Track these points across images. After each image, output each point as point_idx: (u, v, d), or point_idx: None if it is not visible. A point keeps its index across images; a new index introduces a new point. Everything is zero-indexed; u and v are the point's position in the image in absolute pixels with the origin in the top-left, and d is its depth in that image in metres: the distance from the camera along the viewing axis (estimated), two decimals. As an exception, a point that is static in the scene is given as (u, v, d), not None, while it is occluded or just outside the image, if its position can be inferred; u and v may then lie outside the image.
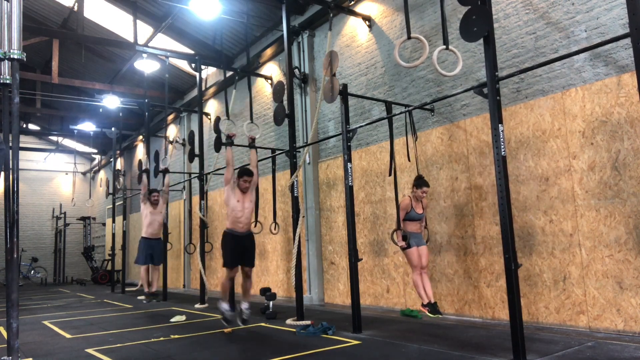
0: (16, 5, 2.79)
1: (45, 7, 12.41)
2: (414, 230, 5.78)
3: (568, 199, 5.10)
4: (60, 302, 11.05)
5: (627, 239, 4.63)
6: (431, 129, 6.65)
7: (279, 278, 9.52)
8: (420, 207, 5.83)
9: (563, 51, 5.11)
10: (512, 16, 5.76)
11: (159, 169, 9.81)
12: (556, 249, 5.17)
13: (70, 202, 18.55)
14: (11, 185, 2.72)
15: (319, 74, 8.73)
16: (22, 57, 2.78)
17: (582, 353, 4.05)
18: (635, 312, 4.53)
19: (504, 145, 4.17)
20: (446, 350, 4.36)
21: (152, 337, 5.66)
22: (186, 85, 13.72)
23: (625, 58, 4.72)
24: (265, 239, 9.81)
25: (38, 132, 19.95)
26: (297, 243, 6.58)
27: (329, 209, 8.41)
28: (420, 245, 5.74)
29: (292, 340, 5.29)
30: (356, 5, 8.07)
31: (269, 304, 7.21)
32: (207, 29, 10.88)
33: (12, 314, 2.68)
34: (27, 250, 19.67)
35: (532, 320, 5.31)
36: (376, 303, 7.37)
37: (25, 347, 5.31)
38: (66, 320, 7.62)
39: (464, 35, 4.40)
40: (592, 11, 5.01)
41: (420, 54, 6.60)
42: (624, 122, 4.69)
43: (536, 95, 5.46)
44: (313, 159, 8.73)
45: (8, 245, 2.72)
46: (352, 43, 8.24)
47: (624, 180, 4.68)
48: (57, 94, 14.64)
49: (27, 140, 19.56)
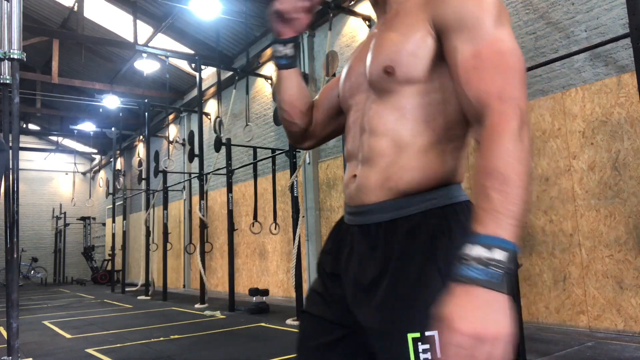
0: (16, 5, 2.78)
1: (45, 7, 12.41)
2: None
3: (568, 199, 5.10)
4: (60, 302, 11.05)
5: (627, 239, 4.63)
6: (431, 129, 6.65)
7: (279, 278, 9.53)
8: None
9: (563, 51, 5.11)
10: (512, 16, 5.76)
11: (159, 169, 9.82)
12: (556, 249, 5.18)
13: (70, 202, 18.55)
14: (11, 185, 2.72)
15: (319, 74, 8.72)
16: (22, 57, 2.77)
17: (582, 353, 4.05)
18: (635, 312, 4.53)
19: (504, 145, 4.17)
20: (446, 350, 4.35)
21: (152, 337, 5.66)
22: (186, 85, 13.72)
23: (625, 58, 4.72)
24: (265, 239, 9.82)
25: (38, 132, 19.95)
26: (297, 243, 6.58)
27: (329, 209, 8.40)
28: None
29: (292, 340, 5.28)
30: (356, 5, 8.07)
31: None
32: (207, 29, 10.88)
33: (12, 314, 2.67)
34: (27, 250, 19.66)
35: (532, 320, 5.31)
36: (376, 303, 7.37)
37: (25, 347, 5.31)
38: (66, 320, 7.62)
39: (464, 35, 4.40)
40: (592, 11, 5.01)
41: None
42: (624, 122, 4.70)
43: (536, 95, 5.46)
44: (313, 159, 8.72)
45: (8, 246, 2.72)
46: (352, 43, 8.24)
47: (624, 180, 4.68)
48: (57, 94, 14.64)
49: (27, 140, 19.55)
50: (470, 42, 0.89)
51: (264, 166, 9.66)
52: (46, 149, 20.76)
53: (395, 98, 0.99)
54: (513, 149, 0.78)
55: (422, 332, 0.86)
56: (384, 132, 0.99)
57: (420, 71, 0.96)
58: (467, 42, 0.89)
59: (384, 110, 1.00)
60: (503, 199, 0.76)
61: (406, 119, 0.97)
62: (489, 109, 0.83)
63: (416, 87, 0.97)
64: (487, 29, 0.88)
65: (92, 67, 14.62)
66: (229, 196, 8.35)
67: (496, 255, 0.73)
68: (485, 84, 0.85)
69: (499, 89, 0.83)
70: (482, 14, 0.89)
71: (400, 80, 0.97)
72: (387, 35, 1.02)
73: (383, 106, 1.00)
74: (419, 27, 0.97)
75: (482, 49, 0.87)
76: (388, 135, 0.98)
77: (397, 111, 0.98)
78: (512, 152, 0.78)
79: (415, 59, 0.96)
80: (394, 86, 0.98)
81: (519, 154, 0.78)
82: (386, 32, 1.03)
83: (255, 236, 9.85)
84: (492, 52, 0.87)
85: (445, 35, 0.93)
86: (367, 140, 1.02)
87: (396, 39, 0.99)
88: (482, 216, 0.77)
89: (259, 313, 7.25)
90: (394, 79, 0.98)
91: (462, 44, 0.89)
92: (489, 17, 0.89)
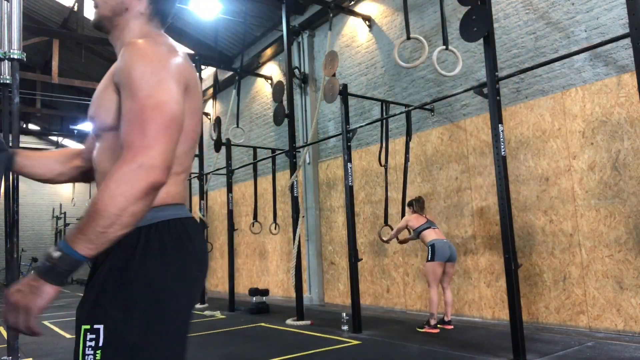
0: (16, 5, 2.78)
1: (45, 7, 12.40)
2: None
3: (568, 199, 5.10)
4: (60, 302, 11.04)
5: (627, 239, 4.63)
6: (431, 129, 6.65)
7: (279, 278, 9.52)
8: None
9: (563, 51, 5.11)
10: (512, 16, 5.76)
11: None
12: (556, 249, 5.17)
13: (70, 202, 18.55)
14: (11, 185, 2.72)
15: (319, 74, 8.72)
16: (22, 57, 2.77)
17: (582, 353, 4.05)
18: (635, 312, 4.53)
19: (504, 145, 4.17)
20: (446, 350, 4.36)
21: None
22: (186, 85, 13.71)
23: (625, 58, 4.72)
24: (265, 239, 9.81)
25: (38, 132, 19.94)
26: (297, 243, 6.58)
27: (329, 209, 8.40)
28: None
29: (292, 340, 5.28)
30: (356, 5, 8.07)
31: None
32: (207, 29, 10.87)
33: (12, 314, 2.67)
34: (27, 250, 19.65)
35: (532, 320, 5.31)
36: (376, 303, 7.37)
37: (25, 347, 5.31)
38: (66, 320, 7.61)
39: (464, 36, 4.40)
40: (592, 11, 5.01)
41: (420, 54, 6.60)
42: (624, 122, 4.69)
43: (536, 95, 5.46)
44: (313, 159, 8.72)
45: (8, 246, 2.72)
46: (352, 43, 8.24)
47: (624, 180, 4.68)
48: (57, 94, 14.63)
49: (27, 140, 19.55)
50: (126, 100, 1.12)
51: (264, 166, 9.65)
52: (46, 149, 20.74)
53: (102, 139, 1.25)
54: (117, 180, 1.03)
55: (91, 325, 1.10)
56: (99, 169, 1.26)
57: (109, 118, 1.21)
58: (125, 101, 1.13)
59: (98, 150, 1.27)
60: (89, 217, 1.05)
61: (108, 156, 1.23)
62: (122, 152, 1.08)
63: (114, 132, 1.20)
64: (135, 87, 1.11)
65: (92, 67, 14.61)
66: (229, 196, 8.35)
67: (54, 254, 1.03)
68: (123, 134, 1.10)
69: (131, 138, 1.07)
70: (132, 73, 1.12)
71: (101, 126, 1.24)
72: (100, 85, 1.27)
73: (99, 147, 1.28)
74: (109, 82, 1.22)
75: (132, 105, 1.10)
76: (102, 172, 1.25)
77: (105, 150, 1.24)
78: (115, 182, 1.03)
79: (104, 109, 1.22)
80: (99, 131, 1.26)
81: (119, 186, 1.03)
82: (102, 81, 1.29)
83: (255, 236, 9.85)
84: (137, 108, 1.09)
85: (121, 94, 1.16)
86: (95, 178, 1.31)
87: (97, 94, 1.26)
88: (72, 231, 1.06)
89: (259, 313, 7.26)
90: (98, 126, 1.26)
91: (124, 103, 1.13)
92: (140, 73, 1.11)
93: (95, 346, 1.07)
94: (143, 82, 1.09)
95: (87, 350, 1.08)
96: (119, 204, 1.01)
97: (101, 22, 1.33)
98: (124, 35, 1.30)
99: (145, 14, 1.31)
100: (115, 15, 1.31)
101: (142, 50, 1.14)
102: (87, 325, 1.09)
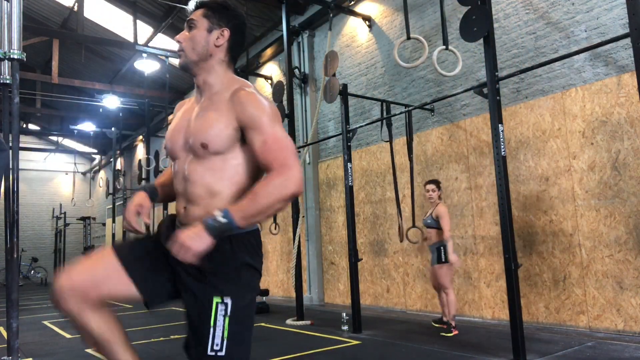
0: (16, 5, 2.78)
1: (45, 7, 12.40)
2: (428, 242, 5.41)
3: (568, 199, 5.10)
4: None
5: (627, 239, 4.63)
6: (431, 129, 6.65)
7: (278, 278, 9.53)
8: (429, 213, 5.40)
9: (563, 51, 5.11)
10: (512, 16, 5.76)
11: (159, 169, 9.81)
12: (556, 249, 5.17)
13: (70, 202, 18.55)
14: (11, 185, 2.71)
15: (319, 74, 8.73)
16: (22, 57, 2.77)
17: (582, 353, 4.05)
18: (635, 312, 4.53)
19: (504, 145, 4.17)
20: (446, 350, 4.36)
21: (152, 337, 5.66)
22: (186, 85, 13.72)
23: (625, 58, 4.72)
24: (265, 239, 9.82)
25: (38, 132, 19.93)
26: (297, 243, 6.58)
27: (329, 209, 8.41)
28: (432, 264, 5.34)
29: (292, 340, 5.28)
30: (356, 5, 8.07)
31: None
32: (207, 29, 10.86)
33: (12, 314, 2.67)
34: (27, 250, 19.66)
35: (532, 320, 5.31)
36: (376, 303, 7.37)
37: (25, 347, 5.31)
38: (66, 320, 7.61)
39: (464, 36, 4.40)
40: (592, 11, 5.01)
41: (420, 54, 6.60)
42: (624, 122, 4.69)
43: (536, 95, 5.46)
44: (313, 159, 8.73)
45: (8, 245, 2.72)
46: (352, 43, 8.24)
47: (624, 180, 4.68)
48: (57, 94, 14.63)
49: (27, 140, 19.54)
50: (259, 135, 1.56)
51: (264, 166, 9.64)
52: (46, 149, 20.74)
53: (207, 160, 1.61)
54: (275, 185, 1.49)
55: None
56: (200, 183, 1.62)
57: (222, 146, 1.59)
58: (258, 135, 1.56)
59: (199, 167, 1.62)
60: (249, 202, 1.48)
61: (214, 175, 1.61)
62: (271, 167, 1.52)
63: (220, 155, 1.60)
64: (266, 127, 1.56)
65: (92, 67, 14.61)
66: (229, 196, 8.34)
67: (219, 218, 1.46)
68: (269, 157, 1.54)
69: (278, 159, 1.52)
70: (262, 118, 1.57)
71: (211, 151, 1.60)
72: (204, 117, 1.63)
73: (199, 165, 1.62)
74: (224, 119, 1.59)
75: (266, 138, 1.55)
76: (203, 185, 1.61)
77: (209, 170, 1.61)
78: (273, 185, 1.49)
79: (219, 139, 1.58)
80: (206, 154, 1.61)
81: (276, 188, 1.48)
82: (203, 113, 1.64)
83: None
84: (272, 140, 1.55)
85: (245, 130, 1.58)
86: (189, 187, 1.64)
87: (208, 124, 1.60)
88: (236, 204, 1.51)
89: (258, 313, 7.24)
90: (207, 151, 1.60)
91: (255, 136, 1.56)
92: (267, 119, 1.57)
93: (225, 314, 1.54)
94: (269, 127, 1.56)
95: (219, 317, 1.53)
96: (271, 202, 1.47)
97: (188, 65, 1.69)
98: (211, 76, 1.70)
99: (225, 60, 1.71)
100: (201, 61, 1.69)
101: (260, 104, 1.58)
102: (218, 298, 1.53)
